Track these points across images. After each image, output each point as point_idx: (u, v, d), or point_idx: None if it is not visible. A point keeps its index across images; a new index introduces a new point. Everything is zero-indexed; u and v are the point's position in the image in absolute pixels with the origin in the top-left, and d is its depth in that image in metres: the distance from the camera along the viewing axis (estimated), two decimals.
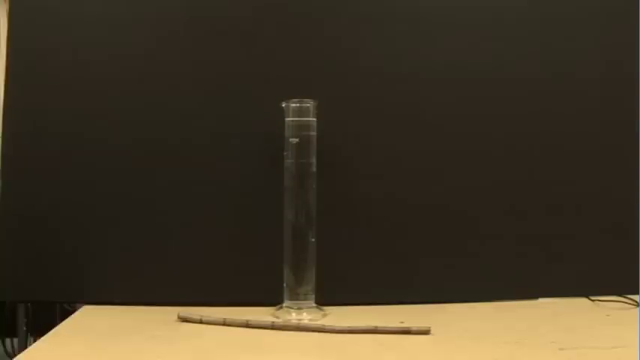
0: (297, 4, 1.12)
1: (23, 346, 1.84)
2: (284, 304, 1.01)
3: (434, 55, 1.13)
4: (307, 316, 0.99)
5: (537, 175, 1.14)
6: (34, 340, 1.06)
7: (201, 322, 0.95)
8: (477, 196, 1.12)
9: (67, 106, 1.08)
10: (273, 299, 1.02)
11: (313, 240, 1.01)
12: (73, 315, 1.00)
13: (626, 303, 1.09)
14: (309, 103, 1.02)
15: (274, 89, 1.07)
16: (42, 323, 1.21)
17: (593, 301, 1.11)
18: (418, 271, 1.10)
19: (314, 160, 1.02)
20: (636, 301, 1.08)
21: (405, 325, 0.92)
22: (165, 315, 0.98)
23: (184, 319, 0.96)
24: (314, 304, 1.01)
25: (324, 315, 1.00)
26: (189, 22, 1.10)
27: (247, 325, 0.93)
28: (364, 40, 1.12)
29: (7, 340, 2.06)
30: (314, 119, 1.02)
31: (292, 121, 1.02)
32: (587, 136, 1.16)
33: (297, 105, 1.02)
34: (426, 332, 0.90)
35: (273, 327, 0.93)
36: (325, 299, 1.02)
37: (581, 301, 1.11)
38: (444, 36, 1.13)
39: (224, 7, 1.11)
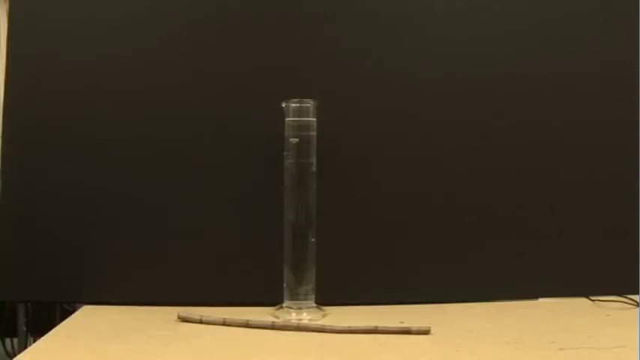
0: (298, 5, 1.12)
1: (23, 346, 1.84)
2: (284, 304, 1.01)
3: (434, 55, 1.13)
4: (307, 316, 0.99)
5: (537, 175, 1.14)
6: (34, 340, 1.06)
7: (201, 322, 0.95)
8: (477, 196, 1.12)
9: (67, 107, 1.08)
10: (273, 299, 1.02)
11: (313, 240, 1.01)
12: (73, 315, 1.00)
13: (626, 303, 1.09)
14: (309, 103, 1.02)
15: (274, 89, 1.07)
16: (42, 323, 1.21)
17: (593, 301, 1.11)
18: (418, 271, 1.10)
19: (314, 160, 1.02)
20: (636, 301, 1.08)
21: (405, 325, 0.92)
22: (166, 315, 0.98)
23: (184, 319, 0.96)
24: (314, 304, 1.01)
25: (324, 315, 1.00)
26: (190, 22, 1.10)
27: (247, 325, 0.93)
28: (364, 40, 1.12)
29: (7, 340, 2.05)
30: (314, 119, 1.02)
31: (292, 121, 1.02)
32: (587, 135, 1.16)
33: (297, 105, 1.02)
34: (426, 332, 0.90)
35: (273, 327, 0.93)
36: (325, 299, 1.02)
37: (581, 301, 1.11)
38: (445, 35, 1.13)
39: (224, 8, 1.11)
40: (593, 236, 1.14)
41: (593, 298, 1.11)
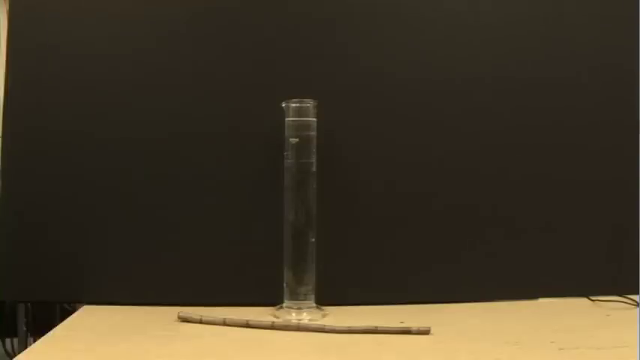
0: (297, 4, 1.12)
1: (23, 346, 1.84)
2: (284, 304, 1.01)
3: (434, 55, 1.13)
4: (307, 316, 0.99)
5: (538, 176, 1.14)
6: (34, 340, 1.06)
7: (201, 322, 0.95)
8: (478, 196, 1.12)
9: (68, 106, 1.08)
10: (273, 299, 1.02)
11: (313, 240, 1.01)
12: (73, 315, 1.00)
13: (626, 303, 1.09)
14: (309, 103, 1.02)
15: (274, 89, 1.07)
16: (42, 323, 1.21)
17: (593, 301, 1.11)
18: (418, 271, 1.10)
19: (314, 160, 1.02)
20: (636, 301, 1.08)
21: (405, 325, 0.92)
22: (165, 315, 0.98)
23: (184, 319, 0.96)
24: (314, 304, 1.01)
25: (324, 315, 1.00)
26: (190, 22, 1.10)
27: (247, 325, 0.93)
28: (364, 40, 1.12)
29: (7, 340, 2.05)
30: (314, 119, 1.02)
31: (292, 121, 1.02)
32: (587, 136, 1.16)
33: (297, 105, 1.02)
34: (426, 332, 0.90)
35: (273, 327, 0.93)
36: (325, 299, 1.02)
37: (581, 301, 1.11)
38: (444, 35, 1.13)
39: (224, 7, 1.11)
40: (594, 236, 1.14)
41: (593, 298, 1.11)
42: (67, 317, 0.99)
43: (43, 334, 0.89)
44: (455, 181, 1.12)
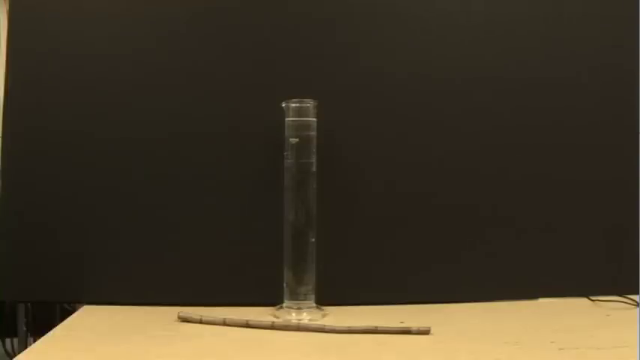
0: (297, 4, 1.12)
1: (23, 346, 1.84)
2: (284, 304, 1.01)
3: (434, 55, 1.13)
4: (307, 316, 0.99)
5: (537, 175, 1.14)
6: (34, 340, 1.06)
7: (201, 322, 0.95)
8: (478, 196, 1.12)
9: (68, 106, 1.08)
10: (273, 299, 1.02)
11: (313, 240, 1.01)
12: (73, 315, 1.00)
13: (626, 303, 1.09)
14: (309, 103, 1.02)
15: (274, 89, 1.07)
16: (42, 323, 1.21)
17: (593, 301, 1.11)
18: (418, 271, 1.10)
19: (314, 160, 1.02)
20: (636, 301, 1.08)
21: (405, 325, 0.92)
22: (165, 315, 0.98)
23: (184, 319, 0.96)
24: (314, 304, 1.01)
25: (324, 315, 1.00)
26: (190, 21, 1.10)
27: (247, 325, 0.93)
28: (364, 40, 1.12)
29: (7, 340, 2.06)
30: (314, 119, 1.02)
31: (292, 121, 1.02)
32: (588, 136, 1.16)
33: (297, 105, 1.02)
34: (426, 332, 0.90)
35: (273, 327, 0.93)
36: (325, 299, 1.02)
37: (581, 301, 1.11)
38: (444, 35, 1.13)
39: (224, 7, 1.11)
40: (594, 236, 1.14)
41: (593, 298, 1.11)
42: (67, 317, 0.99)
43: (43, 334, 0.89)
44: (455, 181, 1.12)
